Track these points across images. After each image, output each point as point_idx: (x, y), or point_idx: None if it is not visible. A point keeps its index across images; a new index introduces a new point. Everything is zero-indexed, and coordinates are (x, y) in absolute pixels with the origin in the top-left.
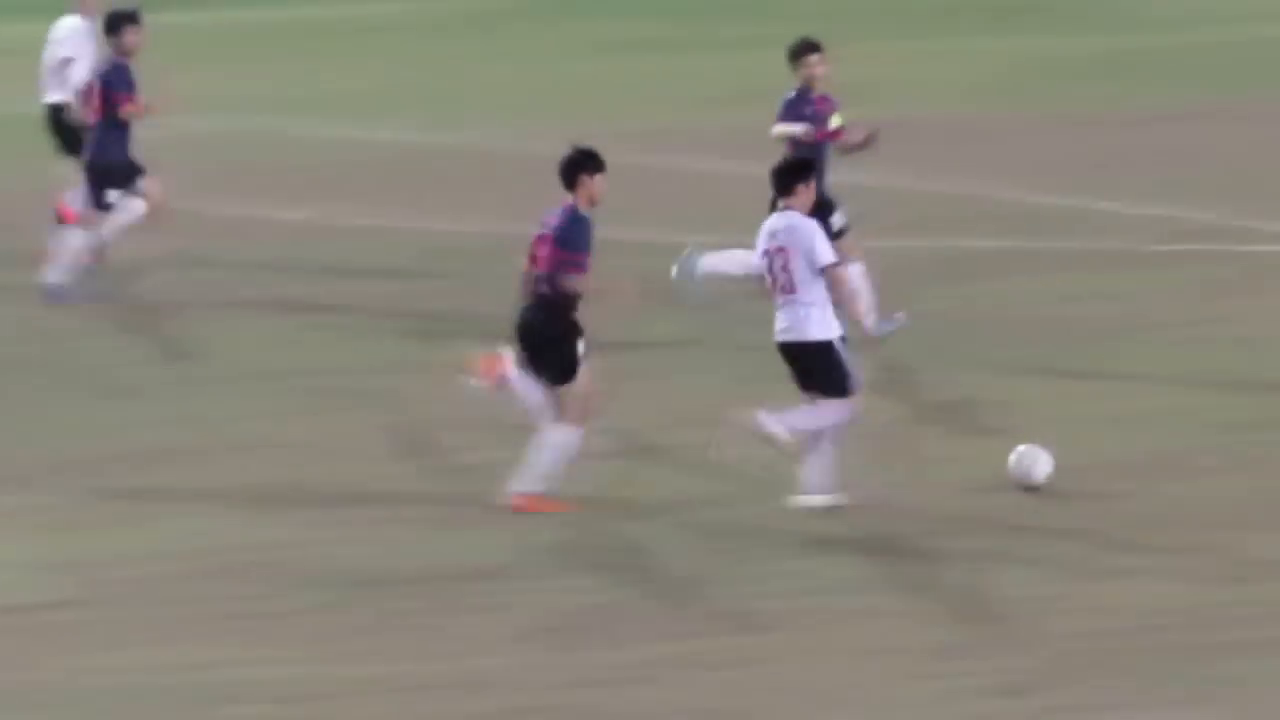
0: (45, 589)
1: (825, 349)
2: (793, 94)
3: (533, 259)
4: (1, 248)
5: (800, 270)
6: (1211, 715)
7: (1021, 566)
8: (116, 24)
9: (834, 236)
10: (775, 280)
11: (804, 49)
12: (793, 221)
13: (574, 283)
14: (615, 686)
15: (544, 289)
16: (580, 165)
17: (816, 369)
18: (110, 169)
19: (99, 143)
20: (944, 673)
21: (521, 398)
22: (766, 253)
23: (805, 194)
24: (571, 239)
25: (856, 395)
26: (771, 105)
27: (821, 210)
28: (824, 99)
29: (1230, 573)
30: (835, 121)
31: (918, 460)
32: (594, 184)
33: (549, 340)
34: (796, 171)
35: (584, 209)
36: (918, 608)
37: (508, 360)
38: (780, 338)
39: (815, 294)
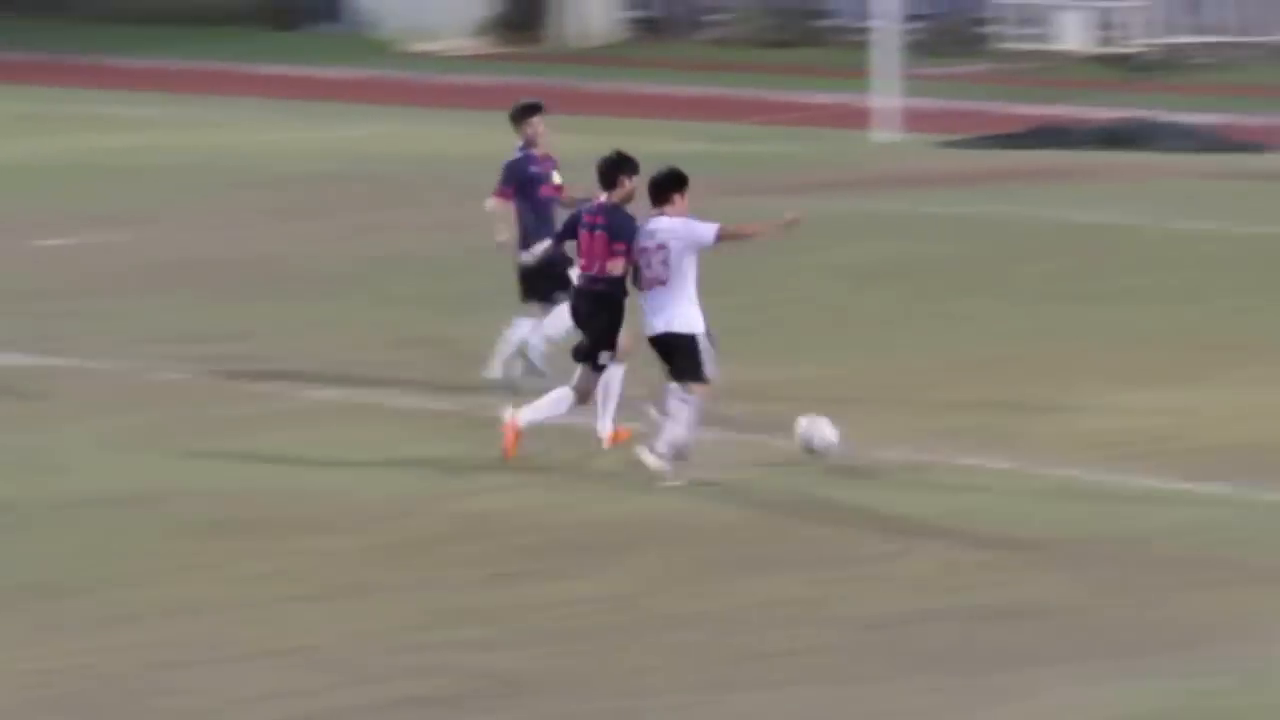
0: None
1: (692, 340)
2: (518, 154)
3: (582, 252)
4: None
5: (676, 267)
6: None
7: None
8: None
9: (565, 285)
10: (649, 276)
11: (529, 110)
12: (672, 224)
13: (618, 267)
14: None
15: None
16: (620, 167)
17: (680, 357)
18: None
19: None
20: None
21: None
22: (645, 250)
23: (680, 202)
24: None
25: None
26: None
27: (554, 268)
28: (546, 157)
29: None
30: (556, 179)
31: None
32: (629, 185)
33: (599, 316)
34: (674, 182)
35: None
36: None
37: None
38: (651, 331)
39: (689, 289)
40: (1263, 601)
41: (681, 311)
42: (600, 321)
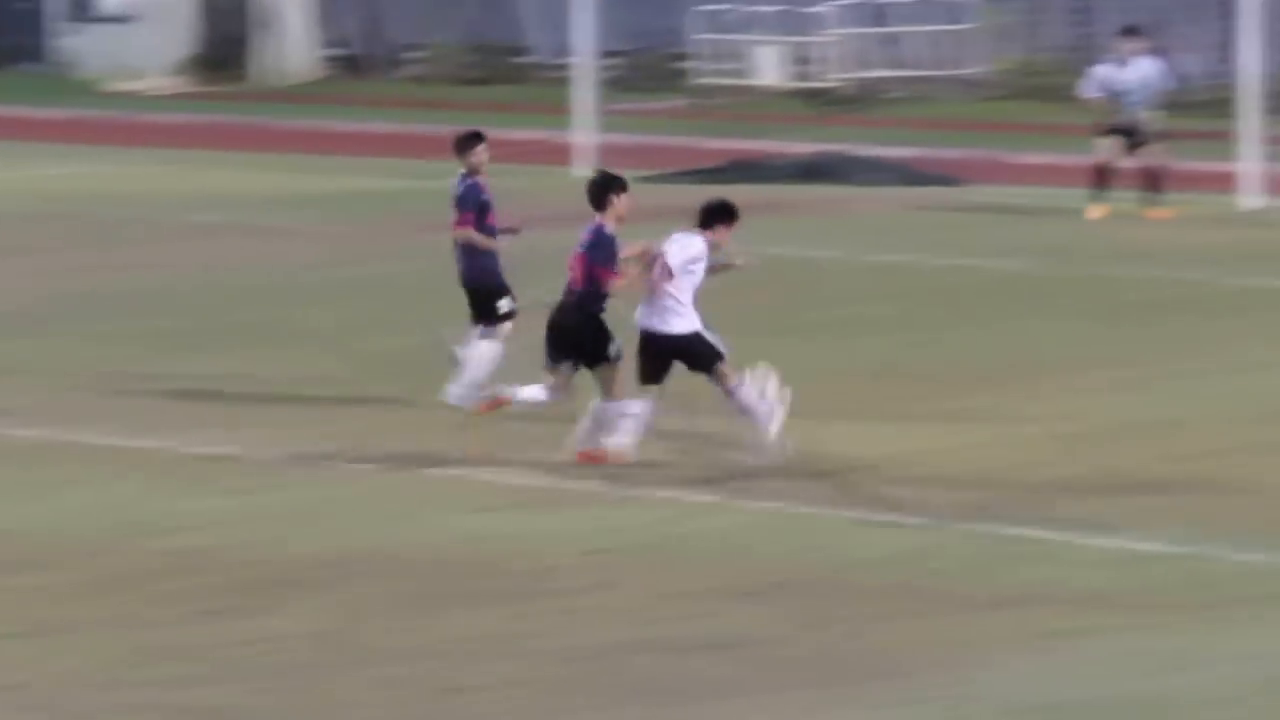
0: None
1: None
2: (467, 182)
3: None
4: None
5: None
6: None
7: None
8: None
9: (502, 318)
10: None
11: (474, 139)
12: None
13: (609, 285)
14: None
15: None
16: (609, 186)
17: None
18: None
19: None
20: None
21: (531, 401)
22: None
23: (619, 205)
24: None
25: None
26: None
27: (491, 295)
28: (486, 186)
29: None
30: None
31: None
32: (620, 203)
33: (581, 332)
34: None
35: (611, 227)
36: None
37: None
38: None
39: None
40: (962, 631)
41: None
42: (584, 333)
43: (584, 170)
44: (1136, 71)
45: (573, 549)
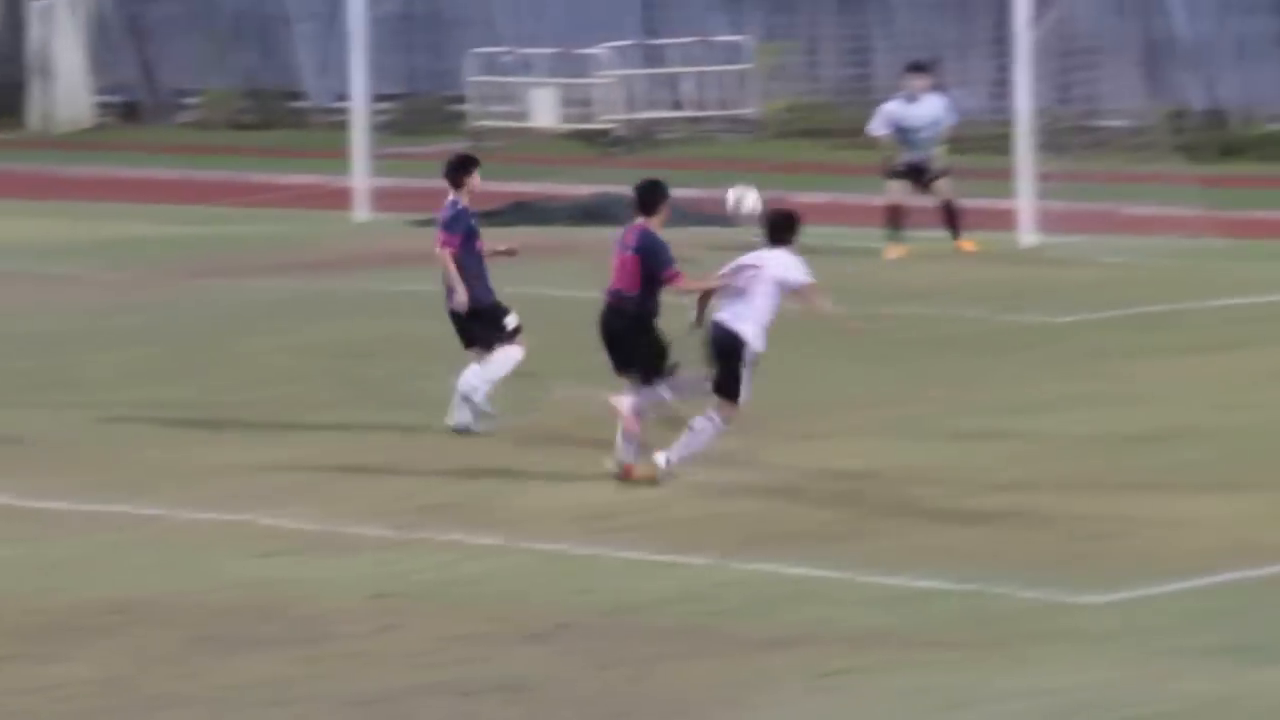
0: None
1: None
2: (458, 207)
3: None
4: None
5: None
6: None
7: None
8: None
9: (510, 335)
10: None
11: (469, 164)
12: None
13: (677, 285)
14: None
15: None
16: (658, 190)
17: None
18: None
19: None
20: None
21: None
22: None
23: (665, 211)
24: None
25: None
26: None
27: (496, 313)
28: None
29: None
30: None
31: None
32: (665, 209)
33: (637, 340)
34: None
35: (657, 228)
36: None
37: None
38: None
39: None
40: (746, 670)
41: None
42: (640, 341)
43: (363, 215)
44: (925, 108)
45: (356, 593)
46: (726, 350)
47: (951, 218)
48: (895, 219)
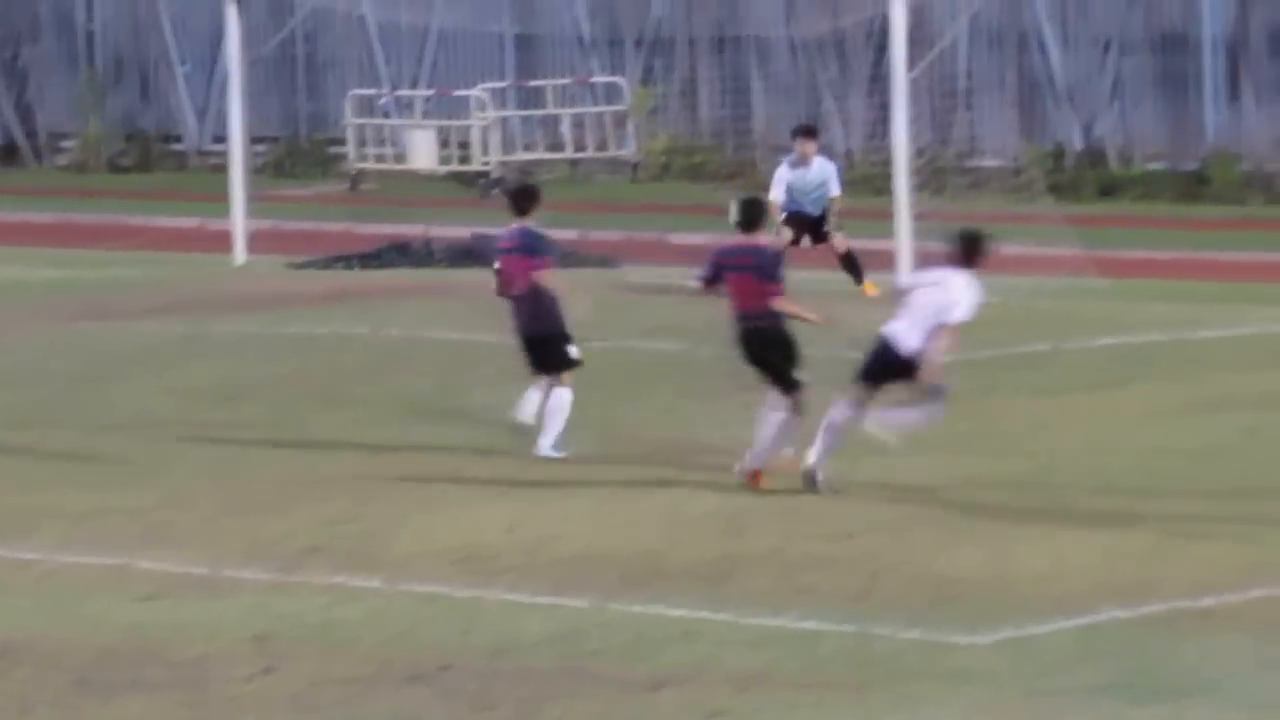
0: None
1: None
2: (538, 230)
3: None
4: None
5: None
6: None
7: None
8: None
9: (573, 363)
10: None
11: (536, 192)
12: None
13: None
14: None
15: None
16: (763, 208)
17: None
18: None
19: None
20: None
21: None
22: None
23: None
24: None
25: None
26: None
27: (562, 341)
28: None
29: None
30: None
31: None
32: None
33: (779, 352)
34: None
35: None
36: None
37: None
38: None
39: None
40: (629, 711)
41: None
42: (776, 355)
43: (241, 257)
44: (814, 173)
45: (237, 636)
46: (889, 363)
47: (852, 262)
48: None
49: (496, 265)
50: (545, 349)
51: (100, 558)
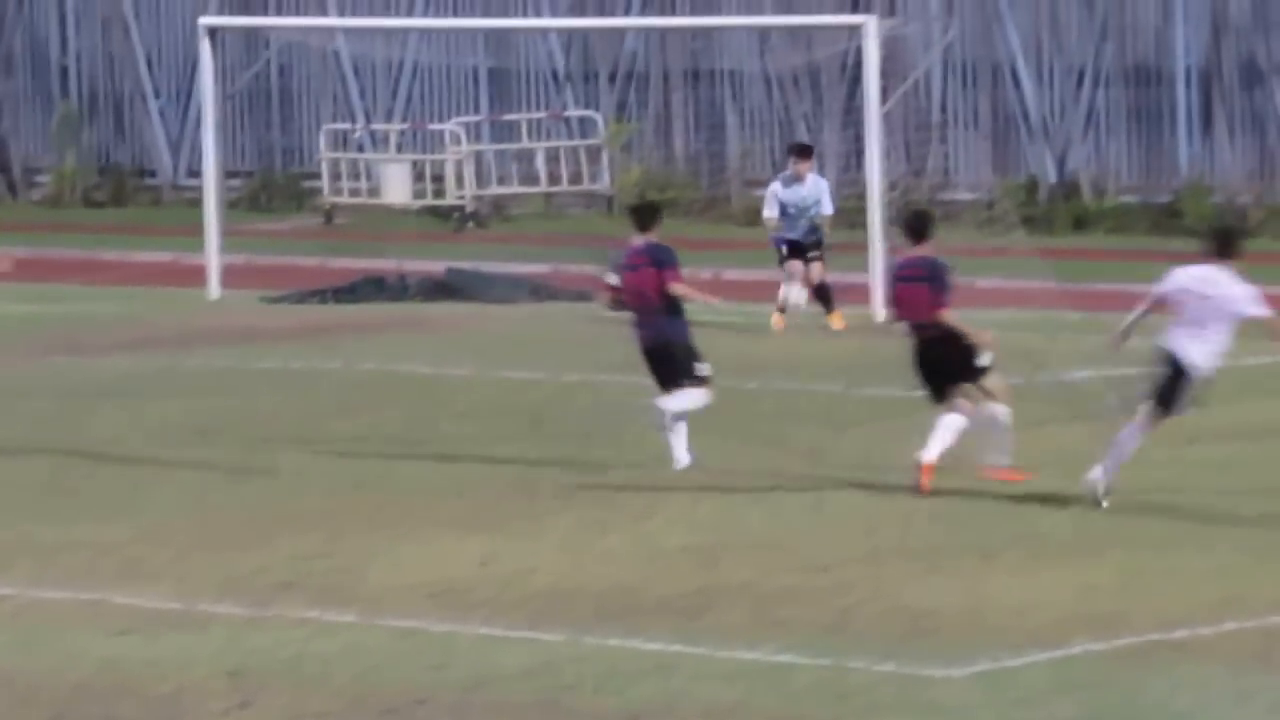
0: None
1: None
2: (658, 242)
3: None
4: None
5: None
6: None
7: None
8: None
9: (702, 380)
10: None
11: (659, 209)
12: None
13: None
14: None
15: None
16: (930, 220)
17: None
18: None
19: None
20: None
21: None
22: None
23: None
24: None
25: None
26: None
27: (691, 355)
28: None
29: None
30: None
31: None
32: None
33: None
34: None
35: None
36: None
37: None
38: None
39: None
40: None
41: None
42: (951, 363)
43: (215, 291)
44: (807, 190)
45: (211, 671)
46: (1173, 374)
47: (824, 295)
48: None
49: (614, 280)
50: (672, 361)
51: (74, 593)
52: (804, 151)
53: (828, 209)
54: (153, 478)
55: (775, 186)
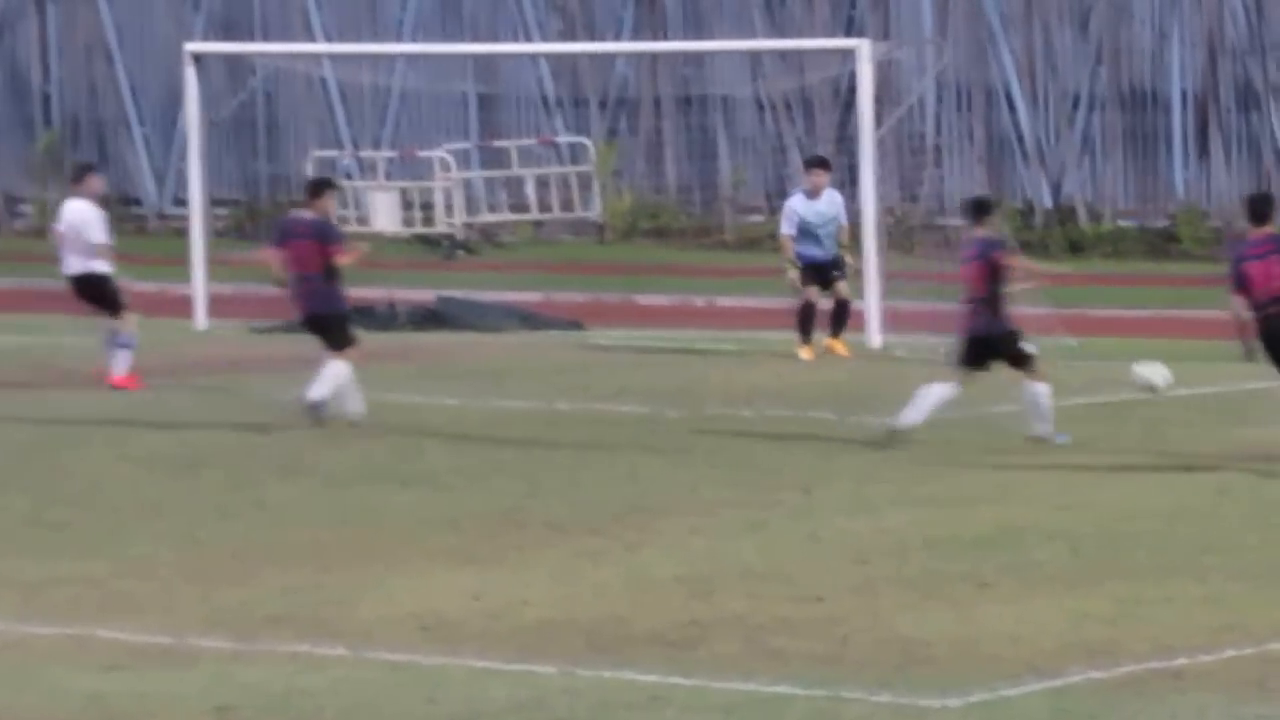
0: None
1: None
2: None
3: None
4: None
5: None
6: None
7: None
8: None
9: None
10: None
11: (989, 204)
12: None
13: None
14: None
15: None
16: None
17: None
18: None
19: None
20: None
21: None
22: None
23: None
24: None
25: None
26: None
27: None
28: None
29: None
30: None
31: None
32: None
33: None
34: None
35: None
36: None
37: None
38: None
39: None
40: None
41: None
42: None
43: (204, 321)
44: (825, 205)
45: (198, 707)
46: None
47: (840, 317)
48: (806, 319)
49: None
50: (999, 346)
51: (59, 628)
52: (823, 164)
53: (844, 220)
54: (139, 510)
55: (794, 201)
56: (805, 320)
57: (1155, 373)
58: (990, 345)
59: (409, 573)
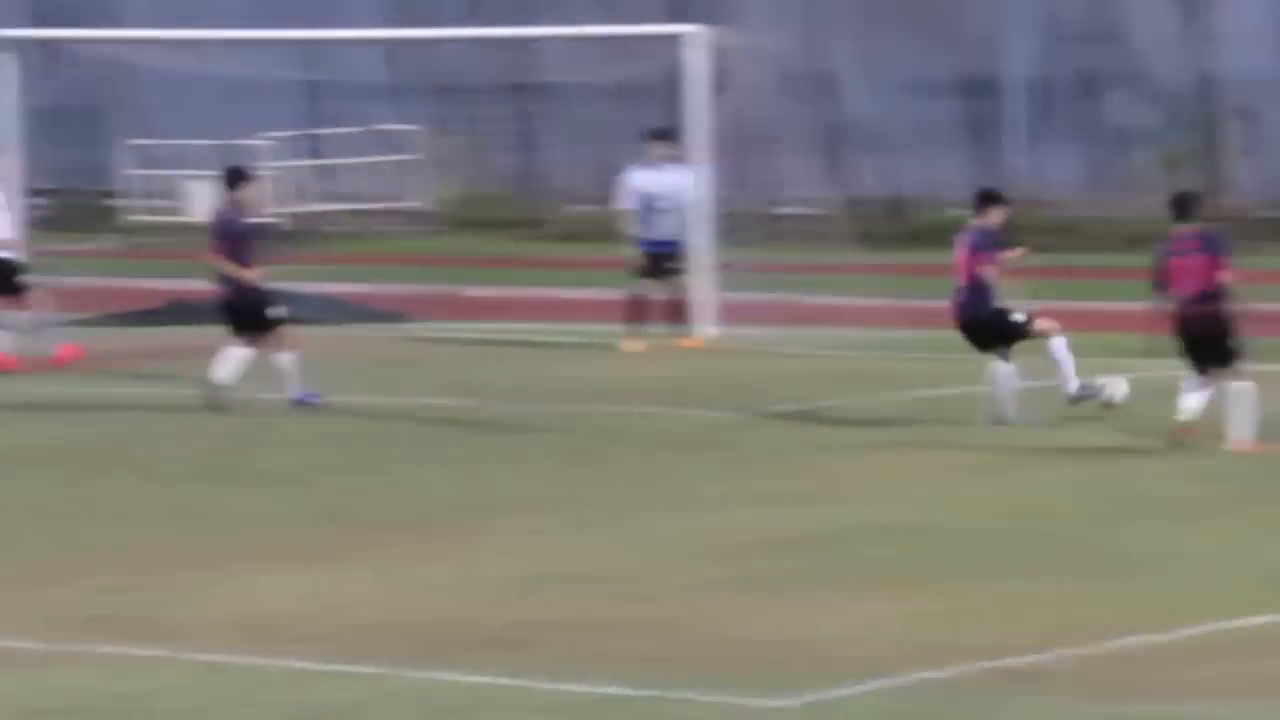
0: None
1: None
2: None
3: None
4: None
5: None
6: None
7: None
8: None
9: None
10: None
11: (998, 196)
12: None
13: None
14: None
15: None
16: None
17: None
18: None
19: None
20: None
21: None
22: None
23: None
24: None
25: None
26: None
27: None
28: None
29: None
30: None
31: None
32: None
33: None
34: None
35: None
36: None
37: None
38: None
39: None
40: None
41: None
42: (994, 325)
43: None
44: (667, 178)
45: (7, 712)
46: None
47: (678, 313)
48: (637, 312)
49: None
50: (991, 327)
51: None
52: (664, 136)
53: (695, 195)
54: None
55: (636, 174)
56: (636, 313)
57: (1117, 389)
58: (983, 329)
59: (232, 573)
